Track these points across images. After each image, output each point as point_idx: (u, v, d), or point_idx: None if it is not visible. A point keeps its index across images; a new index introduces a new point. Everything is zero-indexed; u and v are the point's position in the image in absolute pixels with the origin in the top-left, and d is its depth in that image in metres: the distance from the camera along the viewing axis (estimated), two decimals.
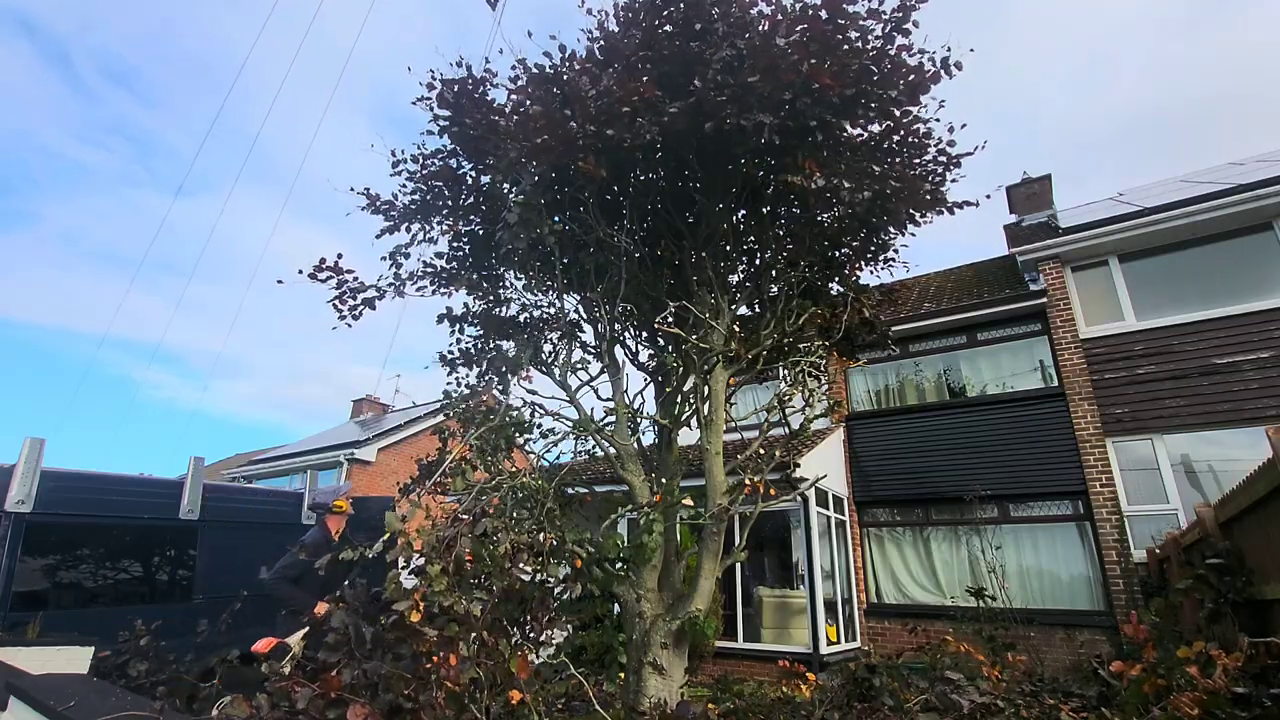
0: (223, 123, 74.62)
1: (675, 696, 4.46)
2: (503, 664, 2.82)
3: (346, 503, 5.41)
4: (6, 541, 4.86)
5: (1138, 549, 7.72)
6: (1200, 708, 2.88)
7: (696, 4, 4.67)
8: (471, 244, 5.98)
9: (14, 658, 3.09)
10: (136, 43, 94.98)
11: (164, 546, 5.96)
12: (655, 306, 5.83)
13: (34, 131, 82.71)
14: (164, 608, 5.56)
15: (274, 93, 67.22)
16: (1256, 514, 3.79)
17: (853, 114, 4.64)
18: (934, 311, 9.98)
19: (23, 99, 72.25)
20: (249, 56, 32.15)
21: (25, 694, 2.19)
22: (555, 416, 5.54)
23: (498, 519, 3.64)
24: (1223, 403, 7.73)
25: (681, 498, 4.80)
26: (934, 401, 9.97)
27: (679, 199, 5.65)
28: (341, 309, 5.66)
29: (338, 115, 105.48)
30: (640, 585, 4.94)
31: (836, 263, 6.23)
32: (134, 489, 5.97)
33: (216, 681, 4.12)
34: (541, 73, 5.09)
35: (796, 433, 5.81)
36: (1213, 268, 8.36)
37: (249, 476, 17.82)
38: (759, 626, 8.64)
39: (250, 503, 6.98)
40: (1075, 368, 8.69)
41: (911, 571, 9.38)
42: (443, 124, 5.35)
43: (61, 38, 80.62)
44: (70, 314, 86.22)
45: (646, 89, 4.26)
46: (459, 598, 2.81)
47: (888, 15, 4.57)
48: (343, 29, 55.81)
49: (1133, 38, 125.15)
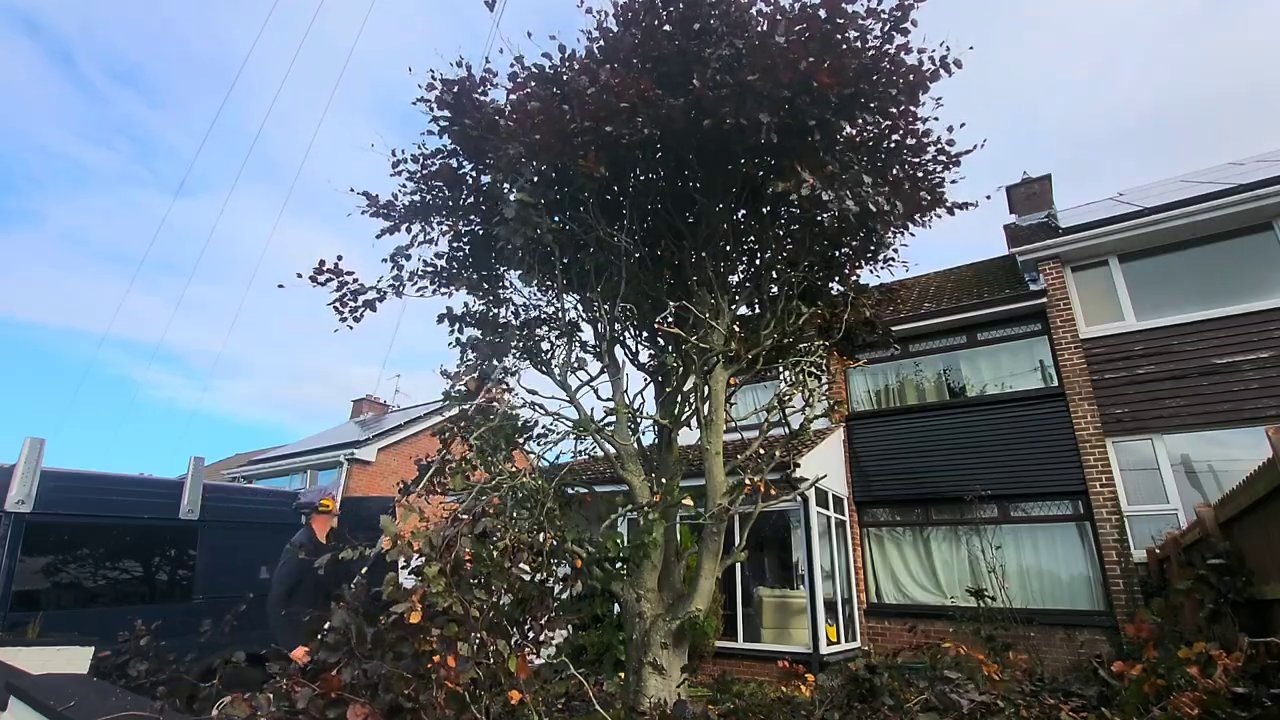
0: (225, 122, 74.42)
1: (675, 696, 4.46)
2: (502, 664, 2.82)
3: (334, 502, 5.38)
4: (6, 541, 4.87)
5: (1138, 549, 7.72)
6: (1200, 708, 2.88)
7: (695, 3, 4.68)
8: (471, 244, 5.98)
9: (14, 658, 3.09)
10: (140, 42, 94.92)
11: (164, 546, 5.96)
12: (655, 306, 5.83)
13: (36, 131, 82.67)
14: (164, 608, 5.56)
15: (275, 91, 67.25)
16: (1256, 514, 3.79)
17: (851, 113, 4.64)
18: (934, 311, 9.98)
19: (25, 98, 72.22)
20: (249, 55, 32.18)
21: (25, 694, 2.20)
22: (555, 417, 5.54)
23: (497, 518, 3.64)
24: (1223, 403, 7.73)
25: (681, 498, 4.80)
26: (934, 401, 9.97)
27: (679, 199, 5.65)
28: (342, 311, 5.66)
29: (338, 114, 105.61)
30: (640, 585, 4.94)
31: (836, 263, 6.23)
32: (134, 489, 5.97)
33: (216, 682, 4.12)
34: (541, 71, 5.09)
35: (796, 433, 5.81)
36: (1213, 268, 8.36)
37: (249, 476, 17.82)
38: (759, 626, 8.64)
39: (250, 503, 6.98)
40: (1075, 368, 8.69)
41: (911, 571, 9.38)
42: (442, 124, 5.35)
43: (65, 37, 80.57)
44: (72, 313, 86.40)
45: (646, 85, 4.26)
46: (457, 599, 2.81)
47: (886, 15, 4.57)
48: (343, 28, 55.87)
49: (1132, 38, 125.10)
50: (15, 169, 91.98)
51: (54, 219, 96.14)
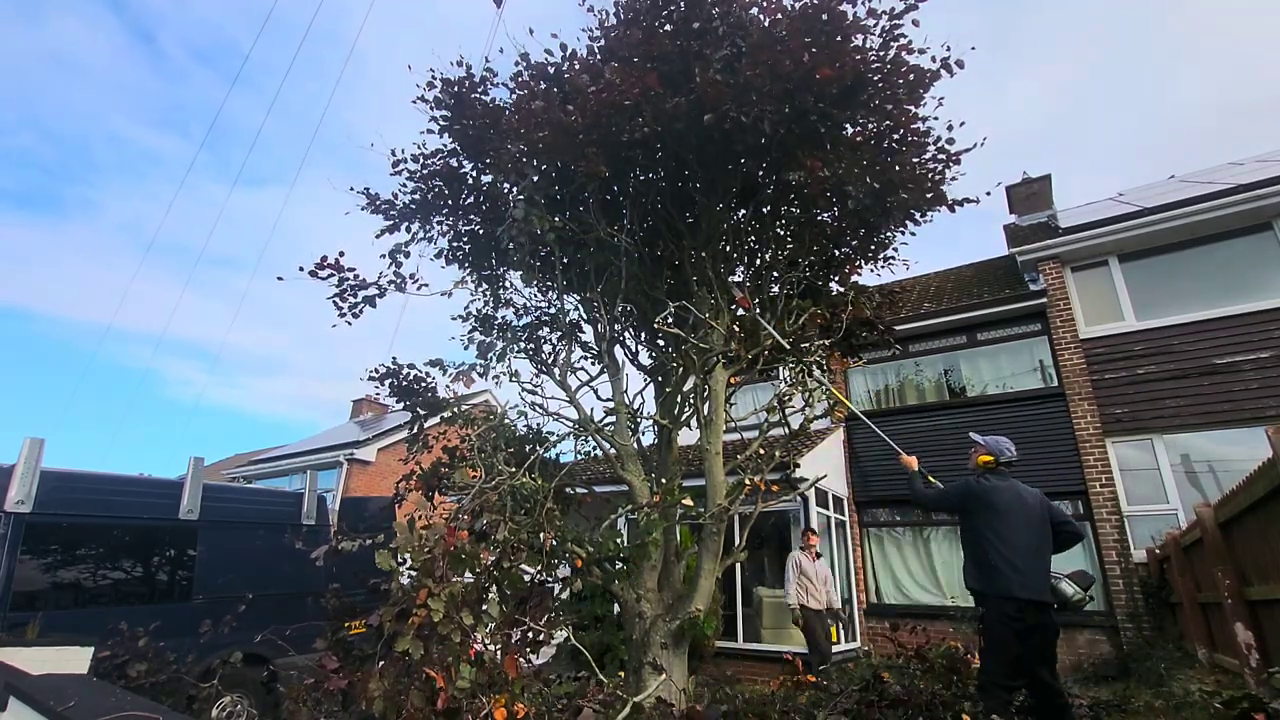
0: (328, 117, 68.97)
1: (677, 697, 4.45)
2: (499, 673, 2.81)
3: None
4: (6, 541, 4.86)
5: (1138, 549, 7.72)
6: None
7: (696, 3, 4.68)
8: (472, 243, 5.98)
9: (14, 658, 3.08)
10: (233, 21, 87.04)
11: (164, 547, 5.95)
12: (655, 306, 5.82)
13: (105, 115, 79.67)
14: (164, 608, 5.56)
15: (338, 73, 65.86)
16: (1256, 514, 3.79)
17: (852, 111, 4.64)
18: (934, 311, 9.97)
19: (98, 82, 70.02)
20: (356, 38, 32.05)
21: (25, 694, 2.19)
22: (555, 417, 5.54)
23: (496, 515, 3.64)
24: (1223, 403, 7.72)
25: (681, 498, 4.79)
26: (934, 401, 9.96)
27: (679, 199, 5.65)
28: (341, 306, 5.66)
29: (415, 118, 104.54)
30: (640, 585, 4.93)
31: (836, 262, 6.23)
32: (134, 489, 5.96)
33: (216, 682, 4.12)
34: (543, 69, 5.09)
35: (796, 433, 5.80)
36: (1213, 268, 8.36)
37: (249, 476, 17.82)
38: (759, 626, 8.63)
39: (250, 503, 6.96)
40: (1075, 368, 8.69)
41: (911, 571, 9.37)
42: (443, 123, 5.36)
43: (155, 10, 75.12)
44: (124, 312, 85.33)
45: (650, 82, 4.26)
46: (455, 628, 2.78)
47: (886, 15, 4.57)
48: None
49: (1132, 36, 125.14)
50: (77, 156, 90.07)
51: (112, 210, 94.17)
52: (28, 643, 3.62)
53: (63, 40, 72.77)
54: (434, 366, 5.56)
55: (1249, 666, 4.00)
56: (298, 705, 3.12)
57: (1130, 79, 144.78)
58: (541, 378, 5.92)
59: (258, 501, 7.14)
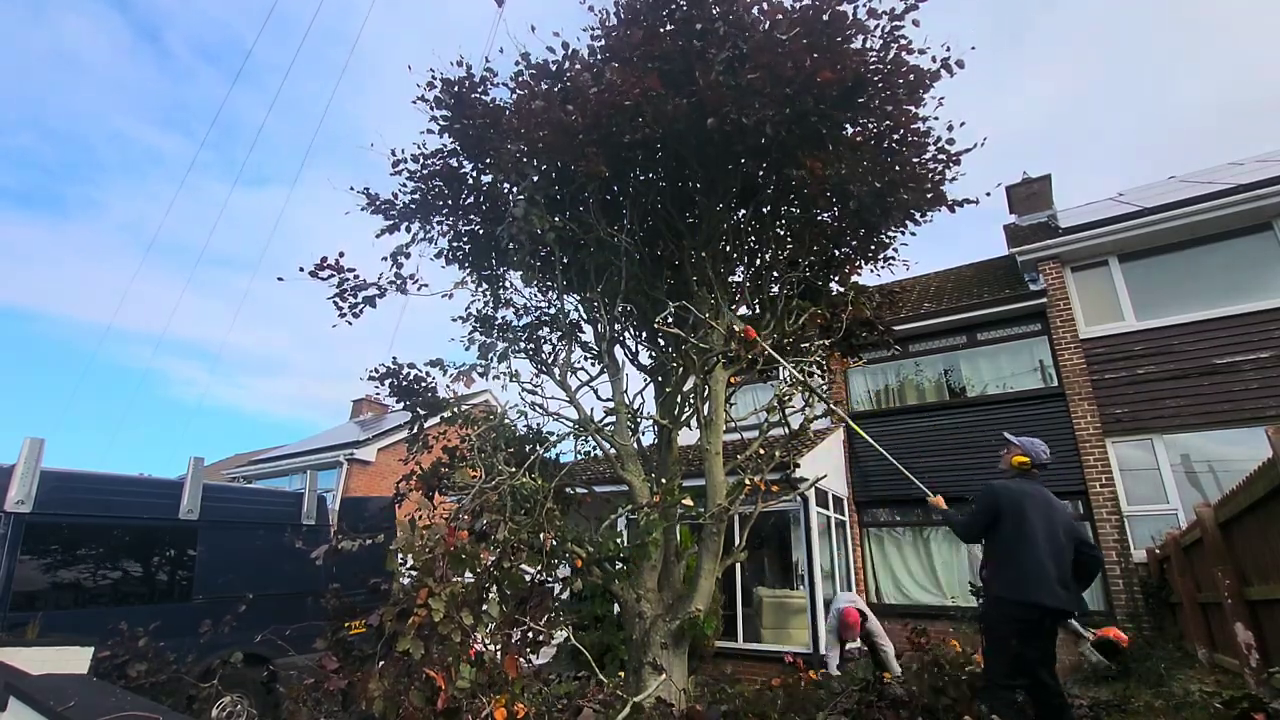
0: (330, 115, 68.54)
1: (677, 696, 4.45)
2: (499, 673, 2.82)
3: None
4: (6, 541, 4.86)
5: (1138, 549, 7.72)
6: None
7: (698, 3, 4.67)
8: (472, 243, 5.98)
9: (14, 658, 3.09)
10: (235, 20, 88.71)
11: (164, 547, 5.95)
12: (655, 306, 5.82)
13: (108, 115, 79.22)
14: (164, 608, 5.56)
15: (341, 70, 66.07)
16: (1256, 514, 3.79)
17: (853, 112, 4.64)
18: (934, 311, 9.97)
19: (102, 80, 69.84)
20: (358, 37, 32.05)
21: (25, 694, 2.19)
22: (555, 417, 5.54)
23: (496, 515, 3.64)
24: (1223, 403, 7.72)
25: (681, 498, 4.79)
26: (934, 401, 9.96)
27: (679, 199, 5.65)
28: (341, 306, 5.67)
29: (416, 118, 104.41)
30: (640, 585, 4.93)
31: (836, 262, 6.23)
32: (134, 489, 5.96)
33: (216, 682, 4.12)
34: (544, 68, 5.09)
35: (796, 433, 5.80)
36: (1213, 268, 8.36)
37: (248, 476, 17.81)
38: (759, 626, 8.63)
39: (250, 503, 6.96)
40: (1075, 368, 8.69)
41: (911, 571, 9.37)
42: (443, 123, 5.36)
43: (162, 9, 74.56)
44: (125, 311, 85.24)
45: (651, 82, 4.26)
46: (455, 628, 2.79)
47: (887, 16, 4.57)
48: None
49: (1132, 37, 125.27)
50: (79, 155, 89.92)
51: (114, 210, 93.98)
52: (28, 643, 3.62)
53: (68, 39, 72.76)
54: (434, 366, 5.58)
55: (1249, 666, 4.00)
56: (298, 705, 3.13)
57: (1130, 79, 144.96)
58: (541, 378, 5.93)
59: (258, 501, 7.14)
